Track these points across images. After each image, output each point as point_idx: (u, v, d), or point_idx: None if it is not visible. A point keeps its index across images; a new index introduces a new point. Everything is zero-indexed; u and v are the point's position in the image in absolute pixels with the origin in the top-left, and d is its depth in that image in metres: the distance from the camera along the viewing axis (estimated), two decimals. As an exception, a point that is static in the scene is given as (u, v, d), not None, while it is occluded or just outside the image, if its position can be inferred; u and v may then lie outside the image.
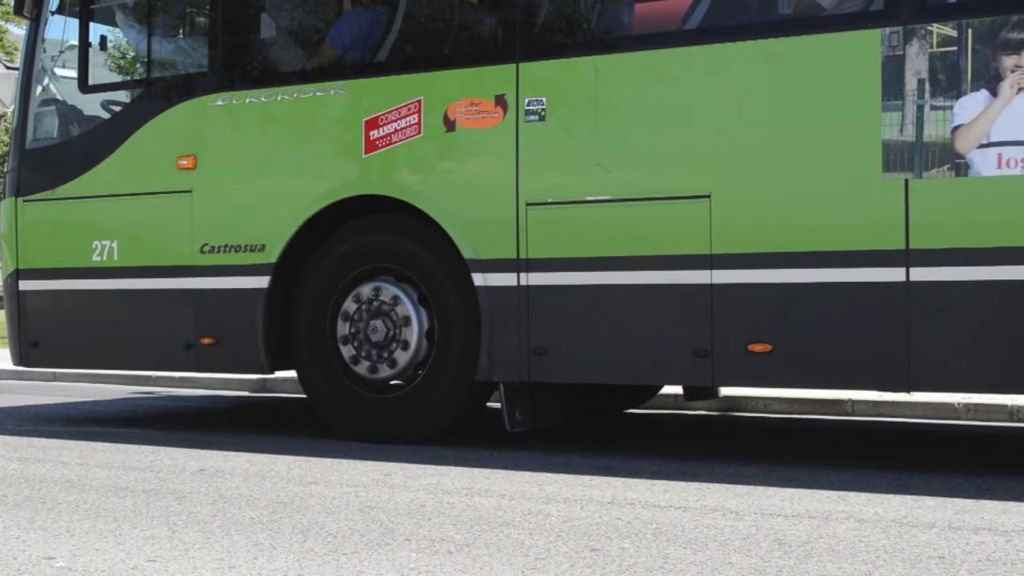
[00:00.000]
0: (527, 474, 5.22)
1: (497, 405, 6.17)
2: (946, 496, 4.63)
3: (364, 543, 3.82)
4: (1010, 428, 7.26)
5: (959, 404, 7.52)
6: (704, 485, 4.90)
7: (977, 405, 7.48)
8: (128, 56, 11.35)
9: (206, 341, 6.65)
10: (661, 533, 3.95)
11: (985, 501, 4.53)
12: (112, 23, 7.88)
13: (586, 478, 5.10)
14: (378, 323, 6.26)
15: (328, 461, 5.62)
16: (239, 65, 6.76)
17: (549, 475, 5.19)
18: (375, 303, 6.29)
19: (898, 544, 3.78)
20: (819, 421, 7.66)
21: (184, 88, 6.89)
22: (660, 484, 4.94)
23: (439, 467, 5.41)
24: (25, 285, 7.25)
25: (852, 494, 4.68)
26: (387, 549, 3.74)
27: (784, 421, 7.73)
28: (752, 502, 4.52)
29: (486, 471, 5.31)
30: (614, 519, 4.19)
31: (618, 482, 4.99)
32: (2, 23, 22.84)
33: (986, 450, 6.43)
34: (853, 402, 7.79)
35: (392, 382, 6.35)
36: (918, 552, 3.67)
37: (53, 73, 7.63)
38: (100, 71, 8.00)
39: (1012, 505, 4.45)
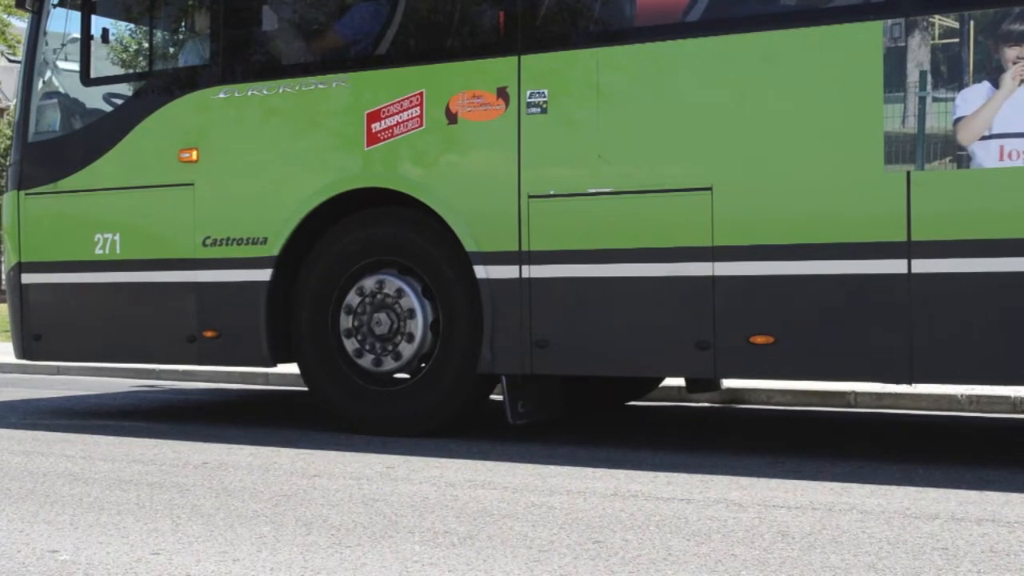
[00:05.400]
0: (530, 466, 5.23)
1: (499, 398, 6.17)
2: (949, 487, 4.63)
3: (367, 536, 3.83)
4: (1013, 420, 7.26)
5: (962, 396, 7.51)
6: (707, 477, 4.91)
7: (980, 397, 7.47)
8: (130, 49, 11.34)
9: (208, 334, 6.66)
10: (664, 525, 3.96)
11: (988, 492, 4.53)
12: (114, 16, 7.87)
13: (589, 470, 5.10)
14: (382, 316, 6.25)
15: (331, 454, 5.63)
16: (241, 58, 6.76)
17: (552, 467, 5.20)
18: (379, 296, 6.29)
19: (901, 535, 3.78)
20: (822, 413, 7.66)
21: (186, 81, 6.88)
22: (663, 476, 4.94)
23: (442, 460, 5.42)
24: (27, 278, 7.26)
25: (855, 486, 4.68)
26: (390, 541, 3.74)
27: (787, 413, 7.73)
28: (755, 494, 4.52)
29: (489, 463, 5.31)
30: (617, 511, 4.19)
31: (621, 474, 4.99)
32: (5, 16, 22.83)
33: (989, 442, 6.42)
34: (856, 394, 7.79)
35: (396, 375, 6.36)
36: (921, 543, 3.67)
37: (55, 66, 7.63)
38: (102, 64, 8.00)
39: (1015, 496, 4.45)
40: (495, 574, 3.34)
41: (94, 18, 7.35)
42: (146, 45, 8.12)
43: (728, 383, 8.01)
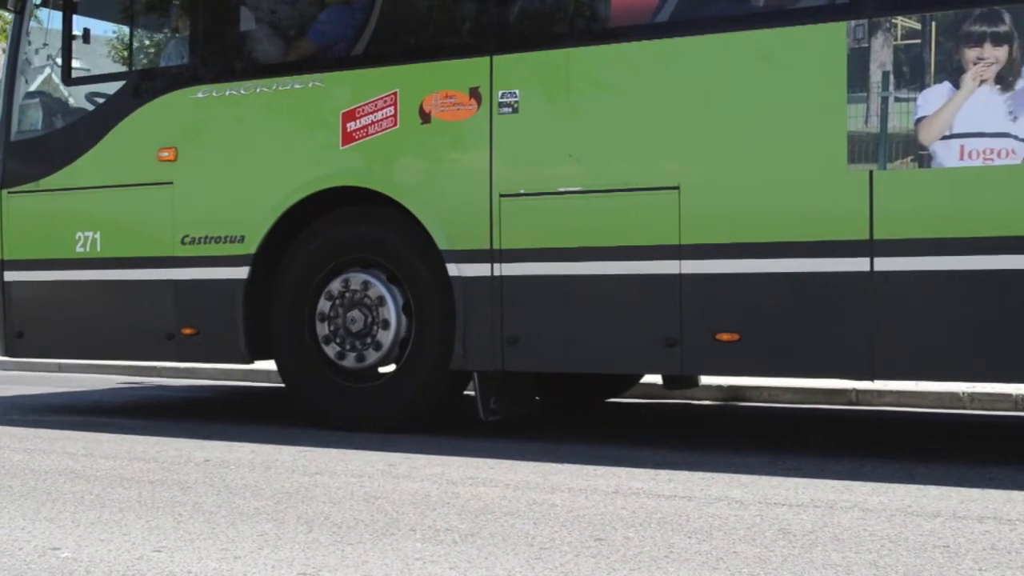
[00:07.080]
0: (531, 464, 5.23)
1: (473, 393, 6.18)
2: (951, 485, 4.64)
3: (369, 533, 3.83)
4: (1015, 417, 7.26)
5: (964, 393, 7.52)
6: (709, 475, 4.91)
7: (982, 395, 7.48)
8: (111, 49, 11.35)
9: (187, 331, 6.70)
10: (666, 523, 3.96)
11: (990, 490, 4.54)
12: (95, 16, 7.91)
13: (590, 468, 5.10)
14: (355, 313, 6.30)
15: (333, 451, 5.63)
16: (219, 58, 6.79)
17: (553, 465, 5.20)
18: (347, 295, 6.34)
19: (903, 533, 3.78)
20: (823, 411, 7.66)
21: (165, 81, 6.91)
22: (664, 474, 4.94)
23: (444, 457, 5.42)
24: (10, 276, 7.31)
25: (857, 483, 4.68)
26: (392, 539, 3.74)
27: (788, 411, 7.73)
28: (757, 492, 4.52)
29: (491, 461, 5.31)
30: (619, 509, 4.19)
31: (623, 472, 4.99)
32: (6, 15, 22.89)
33: (991, 439, 6.43)
34: (857, 392, 7.79)
35: (379, 369, 6.39)
36: (923, 541, 3.67)
37: (38, 65, 7.67)
38: (85, 63, 8.04)
39: (1017, 494, 4.45)
40: (496, 571, 3.34)
41: (75, 18, 7.38)
42: (126, 45, 8.14)
43: (729, 381, 8.02)
